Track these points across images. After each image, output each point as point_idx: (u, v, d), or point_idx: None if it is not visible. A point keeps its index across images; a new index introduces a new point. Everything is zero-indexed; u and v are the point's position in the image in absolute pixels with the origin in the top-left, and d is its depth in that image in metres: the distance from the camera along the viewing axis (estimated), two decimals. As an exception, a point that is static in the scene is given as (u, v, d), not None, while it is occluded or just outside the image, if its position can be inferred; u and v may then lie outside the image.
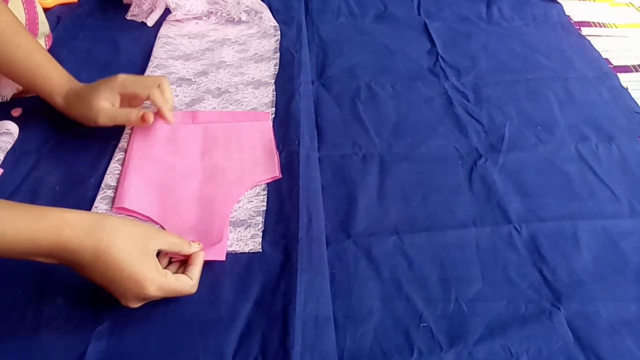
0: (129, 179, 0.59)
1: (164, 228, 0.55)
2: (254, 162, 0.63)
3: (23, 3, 0.69)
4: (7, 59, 0.61)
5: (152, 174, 0.61)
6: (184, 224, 0.56)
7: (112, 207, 0.57)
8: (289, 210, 0.58)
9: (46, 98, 0.64)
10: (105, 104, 0.61)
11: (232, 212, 0.57)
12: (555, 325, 0.49)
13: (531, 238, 0.57)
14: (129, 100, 0.63)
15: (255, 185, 0.60)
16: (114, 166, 0.62)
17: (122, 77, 0.62)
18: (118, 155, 0.63)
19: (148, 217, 0.56)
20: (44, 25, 0.74)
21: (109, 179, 0.60)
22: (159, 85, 0.63)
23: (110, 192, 0.59)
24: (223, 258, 0.53)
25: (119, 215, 0.56)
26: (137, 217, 0.56)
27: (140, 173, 0.60)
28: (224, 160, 0.63)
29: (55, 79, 0.63)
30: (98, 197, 0.58)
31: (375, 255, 0.55)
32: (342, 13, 0.92)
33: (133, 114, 0.62)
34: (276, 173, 0.62)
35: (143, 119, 0.61)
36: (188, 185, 0.60)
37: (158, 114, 0.64)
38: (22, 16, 0.68)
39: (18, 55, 0.61)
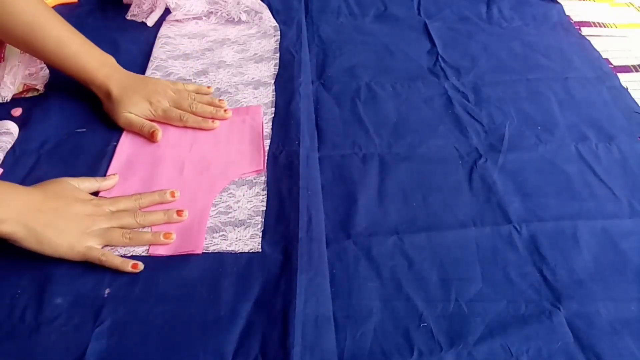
0: (116, 167, 0.61)
1: None
2: (240, 156, 0.64)
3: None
4: (38, 51, 0.64)
5: (140, 163, 0.62)
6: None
7: (96, 194, 0.58)
8: (288, 210, 0.58)
9: (86, 85, 0.67)
10: (131, 115, 0.65)
11: (230, 212, 0.58)
12: (555, 325, 0.49)
13: (531, 238, 0.57)
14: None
15: (239, 178, 0.61)
16: (113, 166, 0.62)
17: (161, 105, 0.66)
18: (123, 143, 0.65)
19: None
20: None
21: (109, 179, 0.60)
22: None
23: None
24: (200, 251, 0.53)
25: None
26: None
27: (128, 162, 0.62)
28: (211, 153, 0.64)
29: (90, 70, 0.65)
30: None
31: (375, 255, 0.55)
32: (342, 13, 0.92)
33: (146, 126, 0.65)
34: (261, 166, 0.62)
35: (152, 135, 0.64)
36: (173, 176, 0.61)
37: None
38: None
39: (48, 47, 0.63)
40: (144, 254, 0.53)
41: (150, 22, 0.85)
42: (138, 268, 0.51)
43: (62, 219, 0.51)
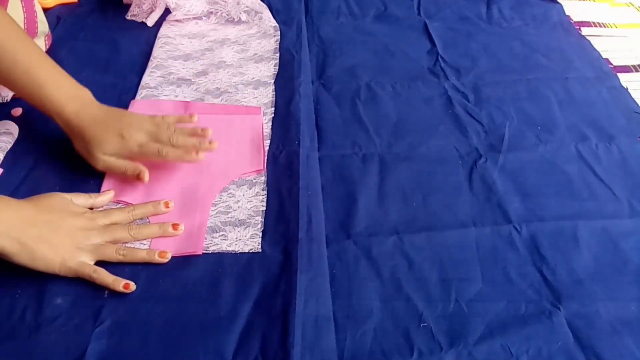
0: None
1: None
2: (240, 155, 0.64)
3: (22, 2, 0.69)
4: (4, 77, 0.58)
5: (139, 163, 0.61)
6: (166, 215, 0.57)
7: None
8: (288, 210, 0.58)
9: (54, 120, 0.59)
10: (107, 157, 0.59)
11: (230, 212, 0.58)
12: (555, 325, 0.49)
13: (531, 238, 0.57)
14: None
15: (239, 178, 0.61)
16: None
17: (137, 141, 0.58)
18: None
19: (131, 204, 0.58)
20: (43, 25, 0.74)
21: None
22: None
23: (110, 192, 0.59)
24: (200, 252, 0.53)
25: None
26: (120, 204, 0.58)
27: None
28: (211, 153, 0.63)
29: (56, 102, 0.58)
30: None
31: (375, 255, 0.55)
32: (342, 13, 0.92)
33: (129, 169, 0.58)
34: (261, 166, 0.62)
35: (139, 177, 0.58)
36: (173, 175, 0.61)
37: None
38: (20, 15, 0.68)
39: (14, 73, 0.57)
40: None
41: (150, 22, 0.85)
42: (130, 288, 0.49)
43: (55, 233, 0.50)
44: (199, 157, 0.59)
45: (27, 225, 0.49)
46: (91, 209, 0.56)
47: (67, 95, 0.59)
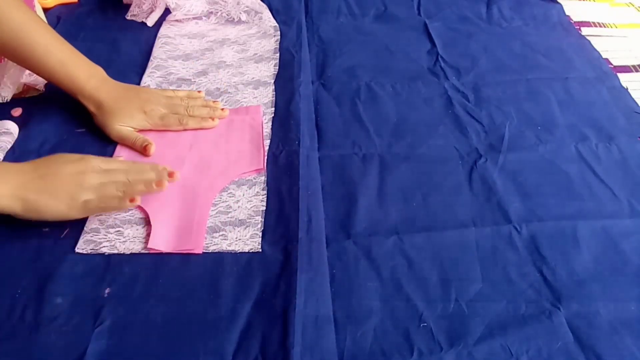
0: None
1: (146, 213, 0.57)
2: (239, 155, 0.64)
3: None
4: (26, 59, 0.62)
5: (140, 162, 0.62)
6: (166, 212, 0.57)
7: None
8: (288, 210, 0.58)
9: (74, 96, 0.65)
10: (123, 127, 0.64)
11: (230, 212, 0.58)
12: (555, 325, 0.49)
13: (531, 238, 0.57)
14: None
15: (239, 177, 0.61)
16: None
17: (158, 113, 0.65)
18: (118, 155, 0.63)
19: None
20: (43, 25, 0.74)
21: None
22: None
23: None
24: (200, 251, 0.53)
25: None
26: None
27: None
28: (211, 152, 0.64)
29: (78, 80, 0.63)
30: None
31: (375, 255, 0.55)
32: (342, 13, 0.92)
33: (138, 140, 0.64)
34: (261, 166, 0.62)
35: (145, 149, 0.63)
36: None
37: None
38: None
39: (35, 55, 0.61)
40: (143, 250, 0.53)
41: (150, 22, 0.85)
42: (136, 201, 0.53)
43: (52, 182, 0.52)
44: (214, 123, 0.67)
45: (28, 182, 0.51)
46: None
47: (87, 73, 0.64)
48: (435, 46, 0.84)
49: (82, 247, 0.53)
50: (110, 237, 0.54)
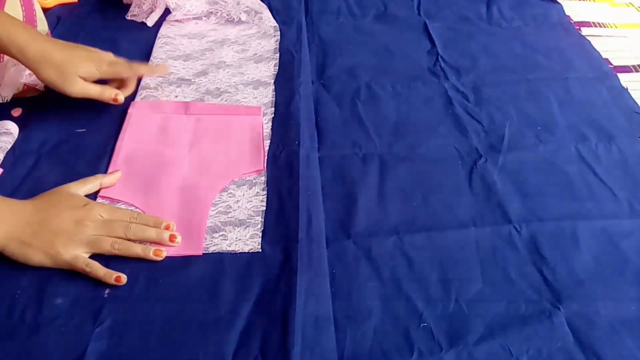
0: (117, 167, 0.61)
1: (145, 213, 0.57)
2: (240, 156, 0.64)
3: (20, 0, 0.69)
4: None
5: (139, 163, 0.62)
6: (166, 212, 0.57)
7: (97, 195, 0.58)
8: (288, 210, 0.58)
9: (17, 59, 0.61)
10: (83, 81, 0.62)
11: (230, 212, 0.58)
12: (555, 325, 0.49)
13: (531, 238, 0.57)
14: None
15: (239, 178, 0.61)
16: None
17: (105, 60, 0.64)
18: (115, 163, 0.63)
19: (131, 204, 0.58)
20: (42, 23, 0.74)
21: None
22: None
23: (110, 192, 0.59)
24: (200, 253, 0.53)
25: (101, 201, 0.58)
26: (120, 203, 0.58)
27: (128, 162, 0.62)
28: (211, 152, 0.64)
29: (19, 38, 0.60)
30: (98, 200, 0.58)
31: (375, 255, 0.54)
32: (342, 13, 0.92)
33: (106, 92, 0.63)
34: (261, 166, 0.62)
35: (115, 99, 0.64)
36: (173, 174, 0.61)
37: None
38: (19, 14, 0.68)
39: None
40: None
41: (150, 22, 0.85)
42: (121, 281, 0.50)
43: (47, 229, 0.51)
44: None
45: (24, 225, 0.51)
46: (98, 191, 0.58)
47: (31, 36, 0.61)
48: (435, 46, 0.84)
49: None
50: (110, 237, 0.54)
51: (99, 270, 0.50)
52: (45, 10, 0.80)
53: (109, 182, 0.59)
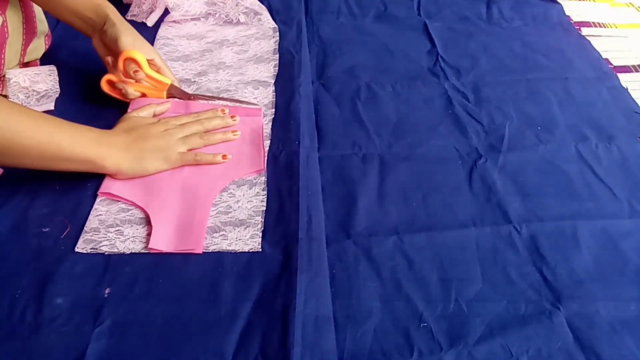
0: None
1: (147, 213, 0.57)
2: (240, 156, 0.64)
3: (19, 0, 0.69)
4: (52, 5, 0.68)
5: None
6: (167, 212, 0.57)
7: (97, 192, 0.58)
8: (289, 210, 0.58)
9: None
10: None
11: (230, 212, 0.58)
12: (555, 325, 0.49)
13: (531, 238, 0.57)
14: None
15: (240, 178, 0.61)
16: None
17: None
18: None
19: (132, 202, 0.58)
20: (42, 24, 0.74)
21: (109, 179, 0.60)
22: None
23: (110, 192, 0.59)
24: (200, 251, 0.54)
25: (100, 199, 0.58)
26: (120, 201, 0.58)
27: None
28: (211, 152, 0.64)
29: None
30: (98, 199, 0.58)
31: (375, 255, 0.55)
32: (342, 13, 0.92)
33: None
34: (261, 166, 0.62)
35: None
36: (174, 174, 0.61)
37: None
38: (19, 14, 0.67)
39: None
40: (143, 250, 0.53)
41: (150, 22, 0.85)
42: (227, 158, 0.62)
43: (148, 142, 0.60)
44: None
45: (129, 144, 0.59)
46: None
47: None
48: (435, 46, 0.84)
49: (82, 246, 0.53)
50: (110, 237, 0.55)
51: (207, 156, 0.62)
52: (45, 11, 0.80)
53: (160, 111, 0.67)
